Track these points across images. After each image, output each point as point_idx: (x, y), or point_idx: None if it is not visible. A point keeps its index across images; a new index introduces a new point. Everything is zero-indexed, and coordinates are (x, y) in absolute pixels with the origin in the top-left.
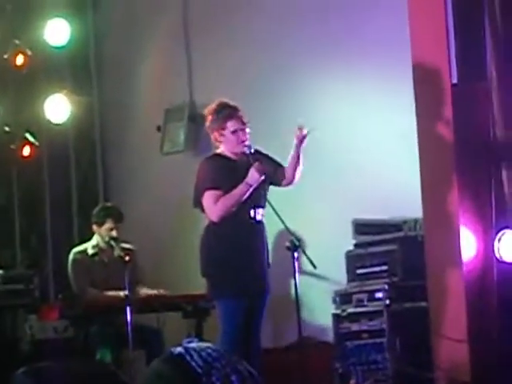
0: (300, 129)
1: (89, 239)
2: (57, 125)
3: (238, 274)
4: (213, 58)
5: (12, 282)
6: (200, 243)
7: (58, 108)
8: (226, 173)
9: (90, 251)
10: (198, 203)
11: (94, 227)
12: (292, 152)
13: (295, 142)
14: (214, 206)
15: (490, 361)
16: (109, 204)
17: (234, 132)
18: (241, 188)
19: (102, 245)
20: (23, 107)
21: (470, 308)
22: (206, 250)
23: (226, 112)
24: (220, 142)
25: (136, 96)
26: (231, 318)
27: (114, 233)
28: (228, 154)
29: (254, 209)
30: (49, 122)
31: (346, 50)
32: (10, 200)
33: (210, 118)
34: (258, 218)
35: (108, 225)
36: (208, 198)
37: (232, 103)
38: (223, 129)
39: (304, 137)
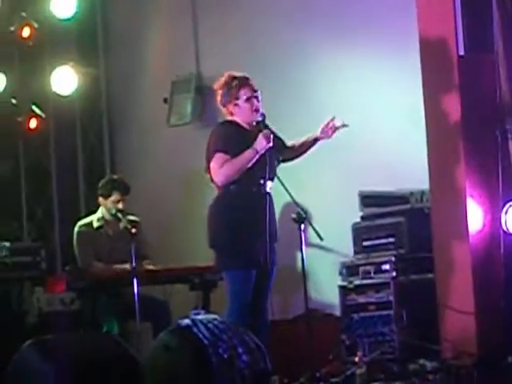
0: (332, 122)
1: (94, 212)
2: (63, 97)
3: (247, 246)
4: (220, 30)
5: (19, 254)
6: (208, 213)
7: (64, 80)
8: (236, 139)
9: (96, 224)
10: (208, 168)
11: (100, 199)
12: (315, 134)
13: (326, 131)
14: (219, 168)
15: (497, 332)
16: (115, 176)
17: (247, 100)
18: (248, 152)
19: (107, 217)
20: (30, 79)
21: (477, 280)
22: (215, 221)
23: (237, 82)
24: (234, 114)
25: (143, 68)
26: (239, 289)
27: (120, 205)
28: (241, 123)
29: (264, 181)
30: (55, 94)
31: (353, 25)
32: (17, 172)
33: (220, 92)
34: (267, 190)
35: (114, 197)
36: (215, 160)
37: (240, 74)
38: (237, 98)
39: (337, 128)
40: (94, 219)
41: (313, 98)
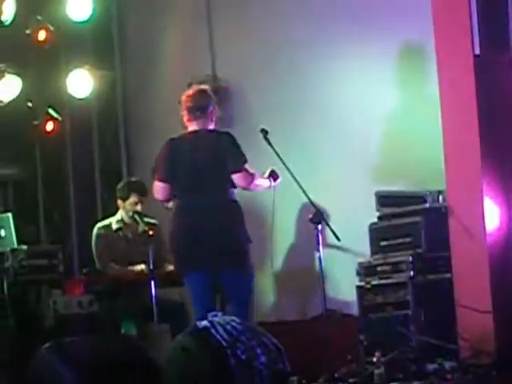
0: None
1: (113, 214)
2: (80, 100)
3: None
4: (235, 31)
5: (36, 257)
6: (232, 216)
7: (80, 83)
8: None
9: (115, 226)
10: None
11: (119, 202)
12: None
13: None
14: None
15: None
16: (133, 178)
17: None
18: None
19: (126, 220)
20: (46, 83)
21: (494, 278)
22: (242, 222)
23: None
24: (212, 123)
25: (158, 70)
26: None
27: (138, 207)
28: None
29: None
30: (71, 97)
31: (369, 26)
32: (34, 176)
33: (212, 100)
34: None
35: (132, 199)
36: (249, 169)
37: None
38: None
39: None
40: (113, 221)
41: (327, 99)
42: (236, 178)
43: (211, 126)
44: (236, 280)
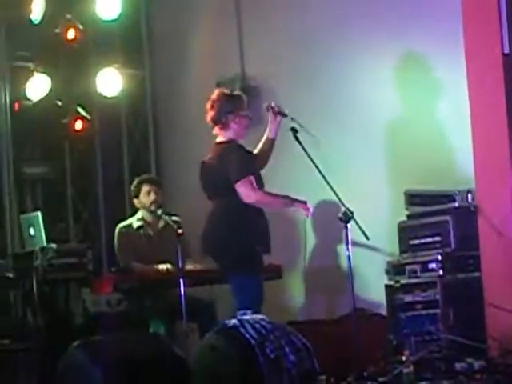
0: (272, 107)
1: (133, 214)
2: (109, 98)
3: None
4: (264, 29)
5: (65, 255)
6: (225, 223)
7: (109, 82)
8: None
9: (136, 224)
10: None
11: (135, 202)
12: (267, 137)
13: (273, 122)
14: (256, 190)
15: None
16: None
17: (248, 118)
18: (285, 200)
19: (147, 218)
20: (75, 81)
21: None
22: (248, 228)
23: (243, 98)
24: (228, 128)
25: (187, 68)
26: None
27: (152, 196)
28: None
29: None
30: (100, 95)
31: (402, 23)
32: (63, 174)
33: (223, 99)
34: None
35: (144, 189)
36: (251, 181)
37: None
38: (236, 113)
39: (278, 113)
40: (133, 221)
41: (357, 99)
42: (237, 190)
43: (231, 135)
44: (233, 284)
